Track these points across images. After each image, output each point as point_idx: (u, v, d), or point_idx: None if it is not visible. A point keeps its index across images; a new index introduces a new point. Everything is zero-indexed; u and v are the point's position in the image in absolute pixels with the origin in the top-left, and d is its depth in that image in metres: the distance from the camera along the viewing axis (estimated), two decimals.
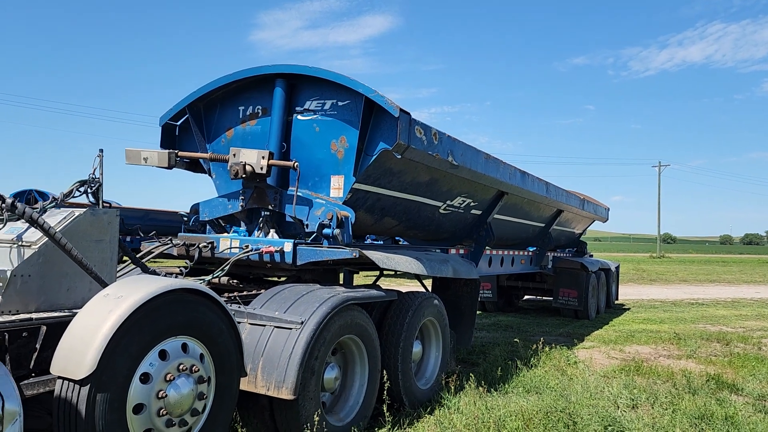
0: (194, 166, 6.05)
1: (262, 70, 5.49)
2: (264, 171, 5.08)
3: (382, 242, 10.20)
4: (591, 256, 14.79)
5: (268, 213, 5.44)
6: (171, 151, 5.48)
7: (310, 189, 5.38)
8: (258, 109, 5.61)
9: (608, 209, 14.49)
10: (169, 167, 5.53)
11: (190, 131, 5.95)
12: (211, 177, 5.95)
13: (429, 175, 6.11)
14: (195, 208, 5.80)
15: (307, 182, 5.39)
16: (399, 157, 5.21)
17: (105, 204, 4.19)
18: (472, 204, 7.52)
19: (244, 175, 5.08)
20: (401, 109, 4.91)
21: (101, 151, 4.13)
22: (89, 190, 4.02)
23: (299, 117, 5.43)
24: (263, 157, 5.07)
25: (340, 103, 5.22)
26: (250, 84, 5.62)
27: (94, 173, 4.05)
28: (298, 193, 5.16)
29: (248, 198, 5.40)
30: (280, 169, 5.43)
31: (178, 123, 6.11)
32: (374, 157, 5.13)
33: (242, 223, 5.69)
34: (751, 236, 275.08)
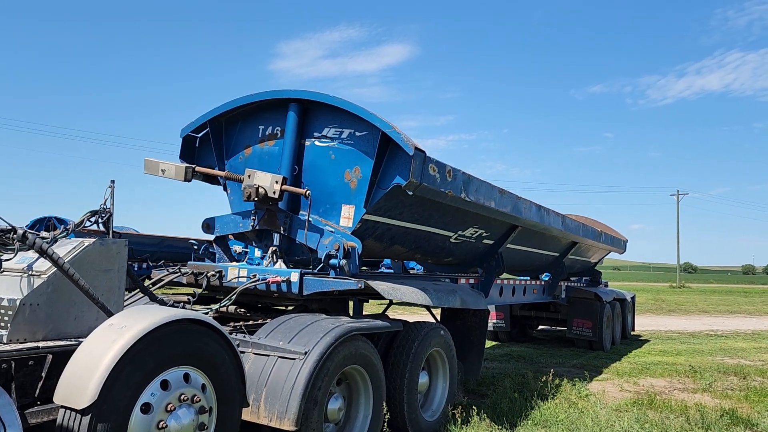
0: (211, 178, 6.11)
1: (276, 94, 5.60)
2: (276, 195, 5.16)
3: (392, 270, 10.22)
4: (606, 285, 14.62)
5: (277, 245, 5.50)
6: (188, 165, 5.58)
7: (320, 215, 5.43)
8: (277, 130, 5.69)
9: (626, 241, 14.26)
10: (186, 180, 5.63)
11: (209, 144, 6.03)
12: (226, 192, 6.02)
13: (441, 208, 6.12)
14: (208, 223, 5.86)
15: (318, 208, 5.44)
16: (410, 193, 5.24)
17: (116, 233, 4.29)
18: (485, 234, 7.51)
19: (256, 198, 5.17)
20: (416, 148, 4.93)
21: (113, 182, 4.25)
22: (100, 220, 4.13)
23: (317, 143, 5.49)
24: (277, 182, 5.15)
25: (357, 134, 5.28)
26: (269, 105, 5.71)
27: (105, 203, 4.16)
28: (309, 220, 5.21)
29: (259, 219, 5.47)
30: (292, 194, 5.50)
31: (199, 135, 6.20)
32: (386, 191, 5.17)
33: (253, 242, 5.76)
34: None
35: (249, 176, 5.27)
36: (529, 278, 12.27)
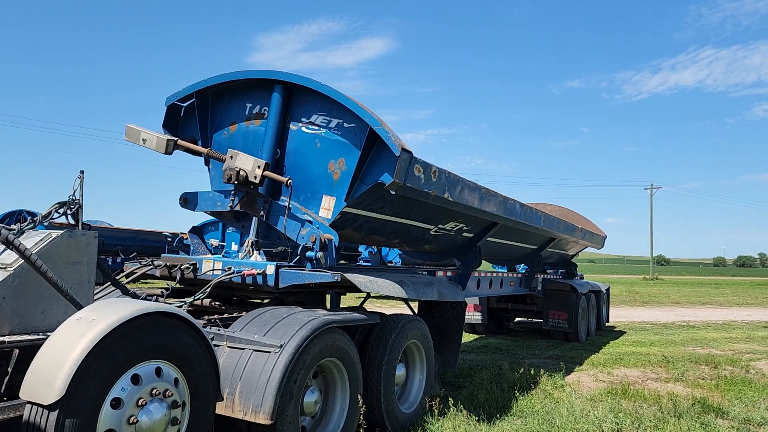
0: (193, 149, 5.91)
1: (264, 74, 5.41)
2: (257, 180, 5.07)
3: (370, 263, 10.21)
4: (581, 277, 14.78)
5: (255, 228, 5.42)
6: (170, 138, 5.43)
7: (300, 203, 5.33)
8: (264, 110, 5.51)
9: (605, 237, 14.21)
10: (167, 153, 5.47)
11: (194, 115, 5.82)
12: (208, 167, 5.84)
13: (423, 204, 6.03)
14: (186, 197, 5.68)
15: (298, 196, 5.34)
16: (393, 193, 5.18)
17: (86, 226, 4.19)
18: (465, 228, 7.50)
19: (236, 182, 5.09)
20: (403, 148, 4.80)
21: (82, 172, 4.14)
22: (68, 212, 4.02)
23: (303, 128, 5.34)
24: (259, 167, 5.05)
25: (346, 125, 5.13)
26: (258, 84, 5.51)
27: (74, 195, 4.05)
28: (289, 207, 5.13)
29: (238, 201, 5.35)
30: (273, 180, 5.38)
31: (185, 105, 5.97)
32: (368, 187, 5.08)
33: (231, 223, 5.65)
34: (744, 258, 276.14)
35: (231, 157, 5.14)
36: (506, 270, 12.36)
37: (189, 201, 5.69)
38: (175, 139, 5.51)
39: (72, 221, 4.05)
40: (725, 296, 33.71)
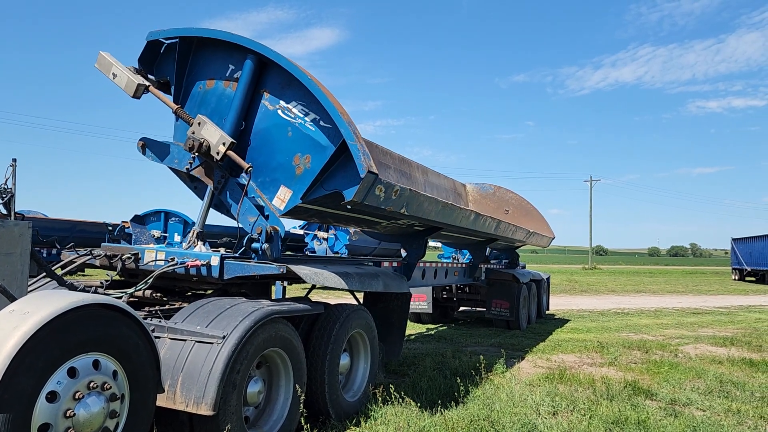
0: (163, 86, 5.71)
1: (243, 42, 5.19)
2: (218, 157, 4.99)
3: (316, 253, 10.21)
4: (523, 267, 15.20)
5: (199, 230, 5.36)
6: (141, 83, 5.26)
7: (257, 185, 5.24)
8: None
9: (553, 238, 14.24)
10: (135, 97, 5.27)
11: (174, 56, 5.54)
12: (175, 116, 5.57)
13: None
14: (145, 142, 5.44)
15: (257, 178, 5.24)
16: (349, 207, 5.13)
17: (19, 216, 4.05)
18: (417, 225, 7.60)
19: (197, 153, 5.00)
20: (369, 170, 4.71)
21: (14, 160, 4.01)
22: (0, 201, 3.89)
23: (280, 112, 5.18)
24: (223, 144, 4.95)
25: (322, 123, 4.99)
26: (240, 50, 5.26)
27: (6, 183, 3.92)
28: (246, 191, 5.07)
29: (195, 165, 5.23)
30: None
31: (167, 42, 5.66)
32: (327, 193, 5.03)
33: (186, 184, 5.59)
34: (676, 248, 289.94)
35: (199, 124, 4.99)
36: (450, 261, 12.58)
37: (147, 147, 5.44)
38: (147, 84, 5.28)
39: (4, 211, 3.92)
40: (658, 284, 35.38)
